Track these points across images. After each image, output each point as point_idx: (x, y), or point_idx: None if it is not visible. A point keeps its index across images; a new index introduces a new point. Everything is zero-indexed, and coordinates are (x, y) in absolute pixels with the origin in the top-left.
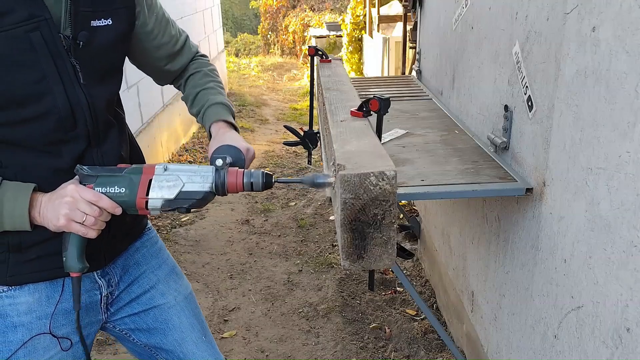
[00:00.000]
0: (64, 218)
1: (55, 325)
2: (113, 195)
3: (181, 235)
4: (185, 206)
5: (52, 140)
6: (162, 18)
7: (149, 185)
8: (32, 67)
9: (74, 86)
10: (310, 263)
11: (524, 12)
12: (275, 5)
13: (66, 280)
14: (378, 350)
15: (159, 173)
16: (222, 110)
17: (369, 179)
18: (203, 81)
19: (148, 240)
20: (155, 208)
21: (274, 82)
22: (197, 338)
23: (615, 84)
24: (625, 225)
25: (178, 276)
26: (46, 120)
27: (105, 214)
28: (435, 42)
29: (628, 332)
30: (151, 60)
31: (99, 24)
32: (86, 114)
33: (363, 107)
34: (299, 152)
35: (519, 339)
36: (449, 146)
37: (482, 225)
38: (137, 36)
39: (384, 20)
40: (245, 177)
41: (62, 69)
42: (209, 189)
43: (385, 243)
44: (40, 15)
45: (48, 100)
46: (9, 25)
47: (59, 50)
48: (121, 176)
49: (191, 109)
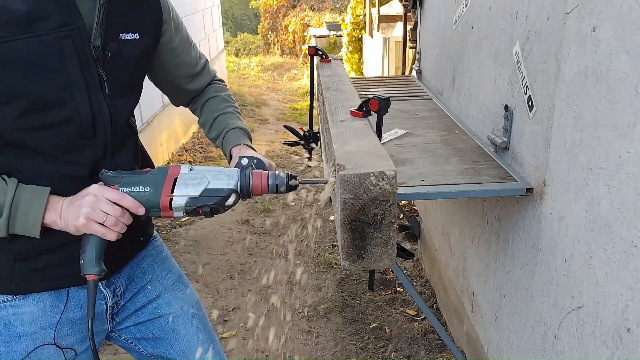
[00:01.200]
0: (83, 217)
1: (60, 335)
2: (137, 195)
3: (181, 235)
4: (210, 204)
5: (70, 147)
6: (186, 39)
7: (174, 184)
8: (59, 74)
9: (99, 96)
10: (310, 263)
11: (524, 12)
12: (275, 5)
13: (71, 291)
14: (378, 351)
15: (184, 172)
16: (242, 134)
17: (368, 179)
18: (222, 106)
19: (154, 248)
20: (179, 207)
21: (273, 82)
22: (204, 348)
23: (616, 84)
24: (625, 225)
25: (184, 285)
26: (67, 127)
27: (127, 215)
28: (436, 42)
29: (628, 332)
30: (171, 77)
31: (127, 37)
32: (107, 124)
33: (363, 107)
34: (299, 152)
35: (519, 339)
36: (449, 146)
37: (483, 225)
38: (160, 53)
39: (384, 20)
40: (270, 179)
41: (89, 78)
42: (234, 186)
43: (385, 243)
44: (73, 24)
45: (71, 107)
46: (43, 30)
47: (88, 60)
48: (146, 176)
49: (210, 132)
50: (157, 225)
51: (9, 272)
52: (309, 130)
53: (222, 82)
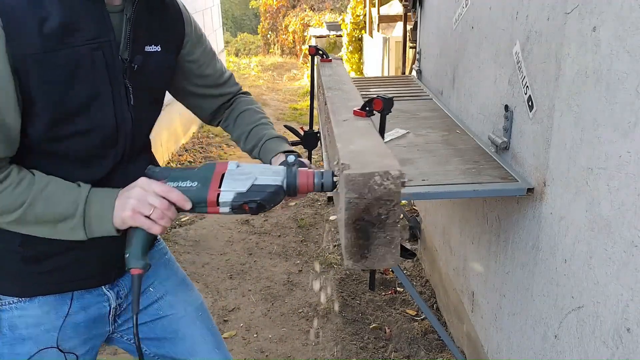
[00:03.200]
0: (130, 209)
1: (63, 338)
2: (184, 189)
3: (181, 235)
4: (257, 199)
5: (94, 154)
6: (208, 52)
7: (221, 180)
8: (89, 84)
9: (123, 107)
10: (310, 263)
11: (525, 12)
12: (275, 5)
13: (75, 294)
14: (378, 351)
15: (231, 168)
16: (281, 142)
17: (373, 178)
18: (255, 118)
19: (157, 251)
20: (226, 202)
21: (273, 82)
22: (210, 350)
23: (616, 84)
24: (625, 225)
25: (188, 287)
26: (92, 135)
27: (173, 209)
28: (436, 42)
29: (628, 332)
30: (193, 89)
31: (151, 49)
32: (128, 134)
33: (366, 106)
34: (299, 152)
35: (519, 339)
36: (450, 146)
37: (483, 225)
38: (181, 65)
39: (384, 20)
40: (317, 177)
41: (116, 89)
42: (281, 183)
43: (389, 243)
44: (105, 37)
45: (98, 117)
46: (78, 42)
47: (116, 72)
48: (194, 172)
49: (245, 145)
50: None
51: (16, 275)
52: (309, 131)
53: (249, 94)
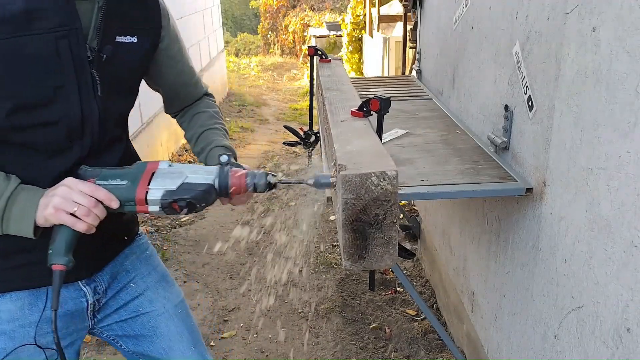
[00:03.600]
0: (52, 207)
1: (40, 333)
2: (113, 188)
3: (181, 235)
4: (187, 197)
5: (58, 146)
6: (183, 49)
7: (151, 178)
8: (53, 73)
9: (90, 98)
10: (310, 263)
11: (524, 12)
12: (275, 5)
13: (49, 289)
14: (378, 351)
15: (162, 167)
16: (227, 152)
17: (370, 179)
18: (210, 122)
19: (138, 247)
20: (155, 200)
21: (274, 82)
22: (186, 348)
23: (616, 84)
24: (625, 225)
25: (168, 284)
26: (57, 126)
27: (100, 207)
28: (436, 42)
29: (628, 332)
30: (169, 84)
31: (124, 40)
32: (95, 125)
33: (363, 107)
34: (299, 152)
35: (519, 339)
36: (449, 146)
37: (483, 225)
38: (159, 59)
39: (384, 20)
40: (249, 178)
41: (82, 79)
42: (212, 182)
43: (387, 243)
44: (71, 25)
45: (63, 107)
46: (42, 29)
47: (82, 61)
48: (125, 171)
49: (195, 147)
50: (156, 225)
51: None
52: (309, 131)
53: (212, 97)
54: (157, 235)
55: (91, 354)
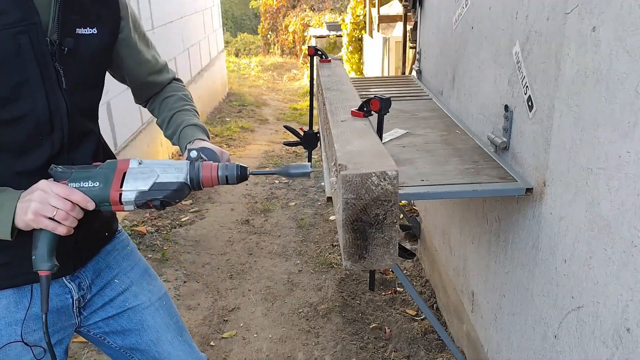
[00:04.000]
0: (32, 213)
1: (26, 331)
2: (86, 190)
3: (181, 235)
4: (160, 197)
5: (27, 143)
6: (144, 38)
7: (123, 178)
8: (16, 70)
9: (56, 91)
10: (310, 263)
11: (524, 12)
12: (275, 5)
13: (34, 286)
14: (378, 350)
15: (133, 166)
16: (198, 131)
17: (370, 179)
18: (178, 104)
19: (119, 243)
20: (129, 201)
21: (274, 82)
22: (173, 337)
23: (616, 84)
24: (625, 225)
25: (151, 277)
26: (24, 123)
27: (77, 209)
28: (436, 42)
29: (628, 332)
30: (133, 74)
31: (84, 32)
32: (64, 119)
33: (364, 107)
34: (299, 152)
35: (519, 339)
36: (449, 146)
37: (483, 225)
38: (120, 49)
39: (384, 20)
40: (220, 170)
41: (46, 73)
42: (184, 179)
43: (387, 243)
44: (29, 19)
45: (28, 103)
46: (0, 26)
47: (44, 55)
48: (95, 171)
49: (166, 130)
50: (157, 225)
51: None
52: (309, 131)
53: (180, 82)
54: (157, 235)
55: (91, 353)
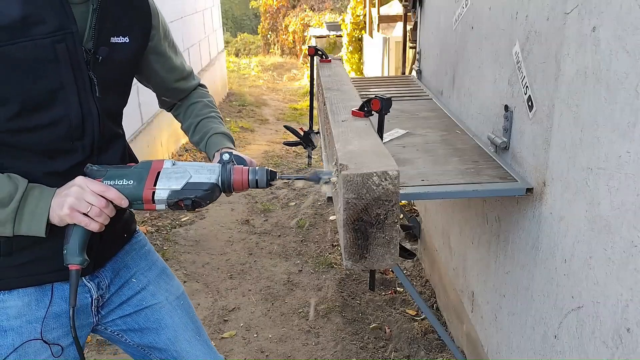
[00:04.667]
0: (67, 207)
1: (46, 329)
2: (121, 187)
3: (181, 235)
4: (191, 197)
5: (59, 147)
6: (173, 46)
7: (156, 178)
8: (52, 76)
9: (88, 98)
10: (310, 263)
11: (524, 12)
12: (275, 5)
13: (55, 285)
14: (378, 350)
15: (167, 167)
16: (225, 139)
17: (371, 178)
18: (205, 111)
19: (137, 243)
20: (161, 200)
21: (274, 82)
22: (191, 337)
23: (616, 84)
24: (625, 225)
25: (169, 277)
26: (56, 128)
27: (111, 207)
28: (435, 42)
29: (628, 332)
30: (160, 80)
31: (117, 40)
32: (95, 125)
33: (364, 107)
34: (299, 152)
35: (519, 339)
36: (449, 146)
37: (483, 226)
38: (149, 56)
39: (384, 20)
40: (251, 174)
41: (80, 80)
42: (216, 181)
43: (388, 243)
44: (68, 28)
45: (62, 109)
46: (39, 34)
47: (80, 63)
48: (130, 170)
49: (193, 137)
50: (156, 225)
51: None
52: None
53: (205, 87)
54: (157, 235)
55: (91, 354)
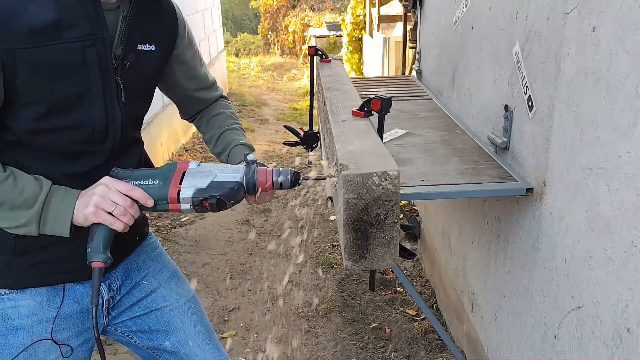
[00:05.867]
0: (93, 205)
1: (56, 329)
2: (146, 187)
3: (181, 235)
4: (217, 195)
5: (79, 149)
6: (197, 55)
7: (182, 177)
8: (80, 80)
9: (114, 103)
10: (310, 263)
11: (524, 12)
12: (275, 5)
13: (67, 286)
14: (378, 351)
15: (192, 167)
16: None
17: (371, 178)
18: (228, 122)
19: (148, 245)
20: (186, 198)
21: (274, 82)
22: (201, 340)
23: (616, 84)
24: (625, 225)
25: (180, 280)
26: (80, 130)
27: (136, 206)
28: (436, 42)
29: (628, 332)
30: (182, 89)
31: (144, 48)
32: (118, 130)
33: (364, 107)
34: (299, 152)
35: (519, 339)
36: (449, 146)
37: (483, 226)
38: (172, 65)
39: (384, 20)
40: (275, 176)
41: (107, 85)
42: (240, 179)
43: (388, 243)
44: (99, 33)
45: (88, 112)
46: (71, 38)
47: (108, 68)
48: (156, 171)
49: (215, 148)
50: (156, 225)
51: (7, 266)
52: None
53: (227, 99)
54: (157, 235)
55: (92, 354)
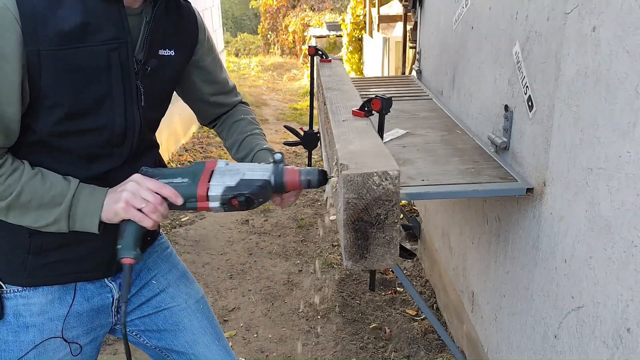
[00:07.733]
0: (123, 201)
1: (66, 327)
2: (176, 185)
3: (181, 235)
4: (246, 193)
5: (97, 152)
6: (217, 61)
7: (210, 176)
8: (102, 84)
9: (134, 107)
10: (310, 263)
11: (524, 12)
12: (275, 5)
13: (78, 285)
14: (378, 351)
15: (220, 166)
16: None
17: (372, 178)
18: (250, 128)
19: (159, 245)
20: (215, 196)
21: (274, 82)
22: (210, 341)
23: (616, 84)
24: (625, 225)
25: (189, 281)
26: (100, 133)
27: (165, 204)
28: (436, 42)
29: (628, 332)
30: (200, 94)
31: (164, 53)
32: (136, 133)
33: (365, 106)
34: (299, 152)
35: (519, 339)
36: (450, 146)
37: (483, 226)
38: (190, 70)
39: (384, 20)
40: (303, 175)
41: (128, 90)
42: (269, 177)
43: (388, 243)
44: (123, 38)
45: (108, 116)
46: (96, 42)
47: (130, 73)
48: (184, 170)
49: (237, 153)
50: None
51: (21, 265)
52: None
53: (247, 105)
54: None
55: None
